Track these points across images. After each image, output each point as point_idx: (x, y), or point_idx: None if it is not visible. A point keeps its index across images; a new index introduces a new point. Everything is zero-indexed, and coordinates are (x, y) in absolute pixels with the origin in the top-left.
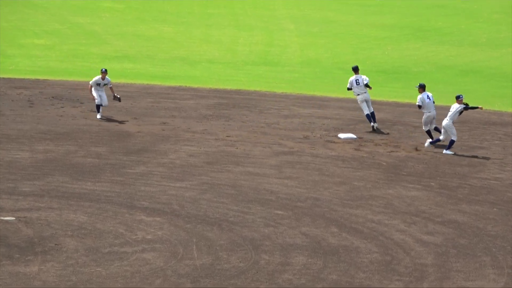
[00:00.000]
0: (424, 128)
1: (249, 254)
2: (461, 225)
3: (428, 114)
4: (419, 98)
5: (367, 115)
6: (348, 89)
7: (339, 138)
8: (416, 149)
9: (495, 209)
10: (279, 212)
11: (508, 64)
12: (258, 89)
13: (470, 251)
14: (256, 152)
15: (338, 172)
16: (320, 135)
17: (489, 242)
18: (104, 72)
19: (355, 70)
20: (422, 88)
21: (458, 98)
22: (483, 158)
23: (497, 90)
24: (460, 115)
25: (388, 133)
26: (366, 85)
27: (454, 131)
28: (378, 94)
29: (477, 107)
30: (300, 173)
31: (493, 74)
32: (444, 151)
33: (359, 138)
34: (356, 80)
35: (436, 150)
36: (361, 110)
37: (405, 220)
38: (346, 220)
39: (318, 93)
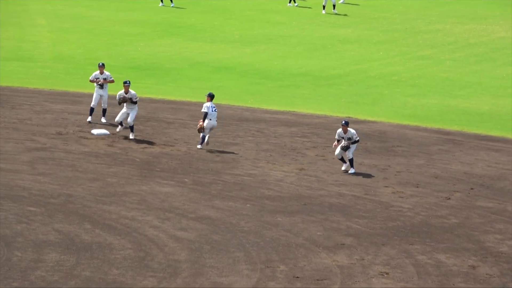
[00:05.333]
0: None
1: (1, 251)
2: (215, 221)
3: (209, 121)
4: (205, 106)
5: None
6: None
7: (92, 134)
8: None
9: (248, 205)
10: (32, 208)
11: (261, 61)
12: (9, 84)
13: (223, 247)
14: (8, 148)
15: (92, 168)
16: (73, 131)
17: (243, 238)
18: (102, 66)
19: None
20: (210, 97)
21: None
22: (236, 154)
23: (250, 87)
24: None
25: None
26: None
27: None
28: None
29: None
30: (53, 169)
31: (246, 70)
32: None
33: (112, 134)
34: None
35: (190, 146)
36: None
37: (158, 216)
38: (100, 216)
39: (71, 89)
